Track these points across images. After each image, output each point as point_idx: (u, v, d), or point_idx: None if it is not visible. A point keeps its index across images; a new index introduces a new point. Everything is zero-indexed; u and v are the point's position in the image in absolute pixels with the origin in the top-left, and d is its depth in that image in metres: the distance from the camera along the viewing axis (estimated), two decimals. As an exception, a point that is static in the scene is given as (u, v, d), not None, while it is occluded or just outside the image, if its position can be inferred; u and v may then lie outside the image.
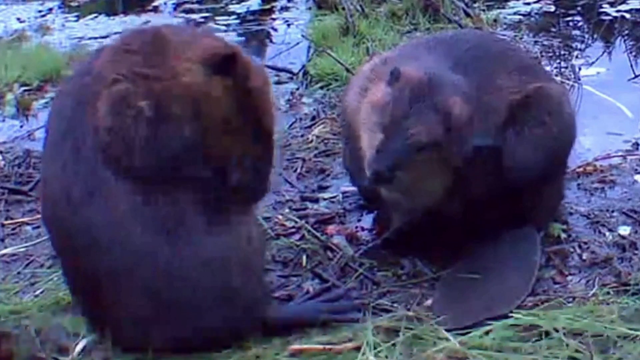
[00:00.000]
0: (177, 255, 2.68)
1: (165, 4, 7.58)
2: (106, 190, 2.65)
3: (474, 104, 3.13)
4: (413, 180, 3.10)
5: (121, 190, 2.65)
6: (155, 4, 7.59)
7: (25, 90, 5.51)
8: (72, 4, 7.84)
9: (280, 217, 3.73)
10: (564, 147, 3.44)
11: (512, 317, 2.90)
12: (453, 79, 3.16)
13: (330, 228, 3.63)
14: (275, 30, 6.73)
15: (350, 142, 3.37)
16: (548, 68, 5.31)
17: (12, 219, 3.94)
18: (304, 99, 5.13)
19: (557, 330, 2.80)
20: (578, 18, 6.52)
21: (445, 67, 3.21)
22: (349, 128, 3.38)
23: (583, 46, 5.89)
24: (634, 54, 5.74)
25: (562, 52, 5.75)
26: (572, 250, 3.40)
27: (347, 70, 5.12)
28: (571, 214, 3.65)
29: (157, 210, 2.66)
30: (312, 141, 4.50)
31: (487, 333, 2.83)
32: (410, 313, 2.97)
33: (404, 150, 3.00)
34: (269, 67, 5.55)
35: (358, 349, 2.76)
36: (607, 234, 3.49)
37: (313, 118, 4.84)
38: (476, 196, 3.24)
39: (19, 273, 3.45)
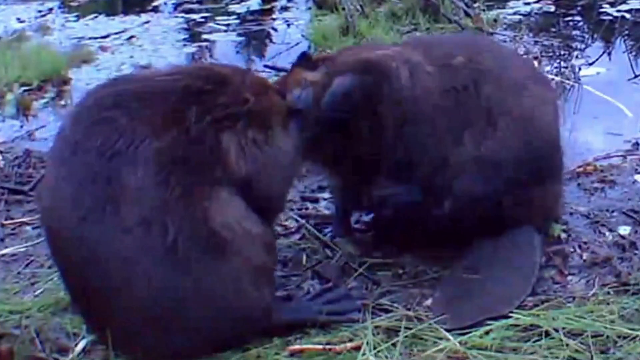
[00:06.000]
0: (172, 276, 2.59)
1: (165, 4, 7.60)
2: (106, 207, 2.55)
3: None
4: None
5: (120, 207, 2.55)
6: (155, 4, 7.61)
7: (25, 90, 5.52)
8: (72, 4, 7.85)
9: (280, 217, 3.73)
10: (542, 148, 3.32)
11: (512, 317, 2.90)
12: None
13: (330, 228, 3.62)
14: (275, 30, 6.73)
15: None
16: (548, 68, 5.32)
17: (12, 219, 3.94)
18: (304, 99, 5.12)
19: (557, 330, 2.80)
20: (578, 18, 6.52)
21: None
22: None
23: (583, 46, 5.89)
24: (634, 54, 5.75)
25: (562, 52, 5.75)
26: (572, 250, 3.40)
27: (347, 70, 5.10)
28: (571, 214, 3.65)
29: (156, 232, 2.58)
30: (312, 141, 4.49)
31: (487, 333, 2.83)
32: (410, 313, 2.97)
33: None
34: (269, 67, 5.57)
35: (358, 349, 2.76)
36: (607, 234, 3.49)
37: (313, 118, 4.83)
38: (463, 197, 3.24)
39: (19, 273, 3.45)
